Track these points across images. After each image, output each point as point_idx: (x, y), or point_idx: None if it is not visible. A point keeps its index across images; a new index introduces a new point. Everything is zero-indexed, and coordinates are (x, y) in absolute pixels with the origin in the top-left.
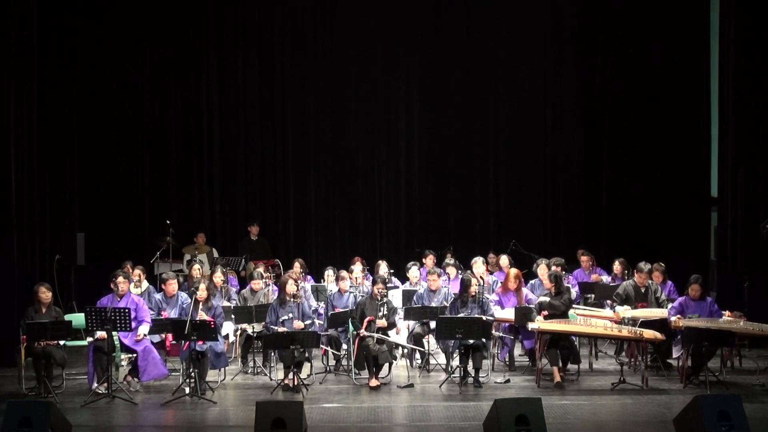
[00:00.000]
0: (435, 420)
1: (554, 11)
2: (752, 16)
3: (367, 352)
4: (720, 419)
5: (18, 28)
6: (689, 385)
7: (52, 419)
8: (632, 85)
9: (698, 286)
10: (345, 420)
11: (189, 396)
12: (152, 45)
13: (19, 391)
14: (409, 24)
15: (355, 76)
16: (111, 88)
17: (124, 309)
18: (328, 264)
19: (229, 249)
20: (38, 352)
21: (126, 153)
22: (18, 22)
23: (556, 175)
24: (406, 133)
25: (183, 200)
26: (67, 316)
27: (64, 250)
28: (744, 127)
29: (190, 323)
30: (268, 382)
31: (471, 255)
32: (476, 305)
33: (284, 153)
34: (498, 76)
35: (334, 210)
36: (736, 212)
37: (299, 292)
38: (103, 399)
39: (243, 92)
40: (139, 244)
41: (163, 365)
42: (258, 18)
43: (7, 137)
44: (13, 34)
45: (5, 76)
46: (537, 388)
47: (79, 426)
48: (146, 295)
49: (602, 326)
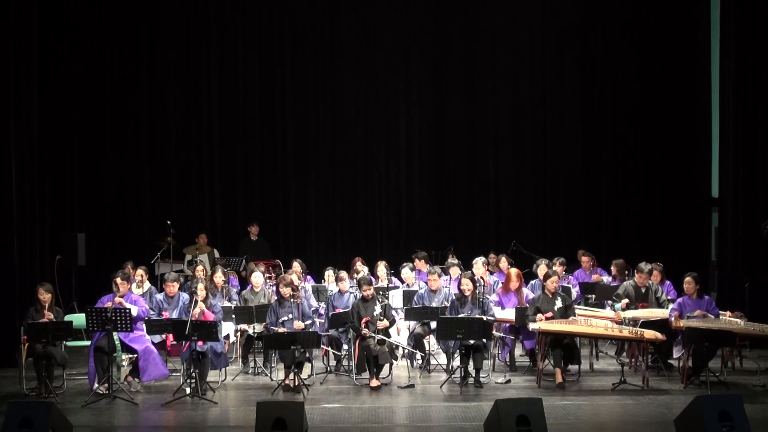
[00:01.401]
0: (436, 420)
1: (554, 12)
2: (752, 17)
3: (368, 353)
4: (721, 420)
5: (18, 28)
6: (690, 385)
7: (52, 419)
8: (632, 85)
9: (691, 279)
10: (346, 420)
11: (190, 396)
12: (152, 45)
13: (20, 392)
14: (408, 25)
15: (354, 77)
16: (111, 88)
17: (125, 309)
18: (329, 264)
19: (230, 249)
20: (39, 353)
21: (126, 153)
22: (18, 23)
23: (557, 175)
24: (406, 133)
25: (183, 201)
26: (68, 317)
27: (65, 251)
28: (744, 128)
29: (190, 324)
30: (269, 382)
31: (471, 255)
32: (476, 306)
33: (284, 153)
34: (498, 76)
35: (334, 210)
36: (737, 213)
37: (298, 293)
38: (103, 399)
39: (243, 93)
40: (139, 245)
41: (163, 365)
42: (258, 19)
43: (8, 138)
44: (13, 35)
45: (5, 77)
46: (538, 389)
47: (80, 426)
48: (148, 296)
49: (603, 326)
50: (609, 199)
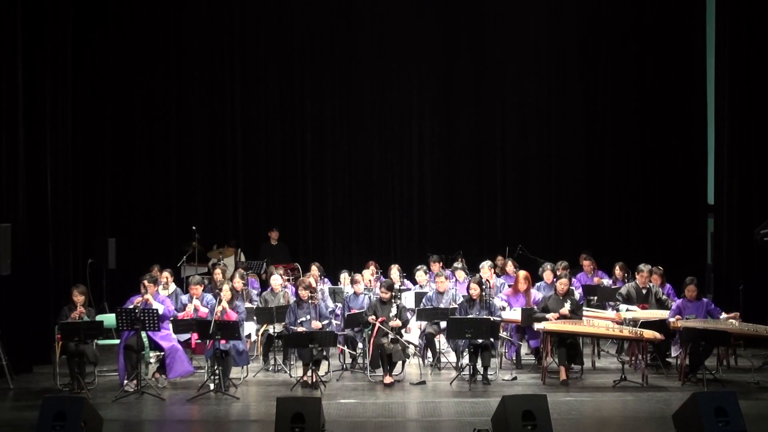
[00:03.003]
0: (446, 415)
1: (558, 25)
2: (747, 25)
3: (382, 351)
4: (717, 415)
5: (54, 43)
6: (687, 382)
7: (84, 413)
8: (632, 96)
9: (694, 287)
10: (361, 415)
11: (213, 392)
12: (179, 61)
13: (54, 387)
14: (420, 41)
15: (370, 90)
16: (140, 101)
17: (153, 310)
18: (345, 267)
19: (251, 253)
20: (72, 350)
21: (154, 163)
22: (54, 38)
23: (560, 183)
24: (418, 143)
25: (208, 207)
26: (99, 317)
27: (97, 255)
28: (739, 137)
29: (214, 323)
30: (288, 379)
31: (480, 259)
32: (483, 308)
33: (303, 163)
34: (505, 89)
35: (351, 216)
36: (732, 219)
37: (316, 294)
38: (132, 395)
39: (264, 104)
40: (166, 249)
41: (189, 363)
42: (279, 35)
43: (44, 149)
44: (50, 51)
45: (42, 89)
46: (542, 386)
47: (111, 420)
48: (174, 297)
49: (604, 327)
50: (610, 207)
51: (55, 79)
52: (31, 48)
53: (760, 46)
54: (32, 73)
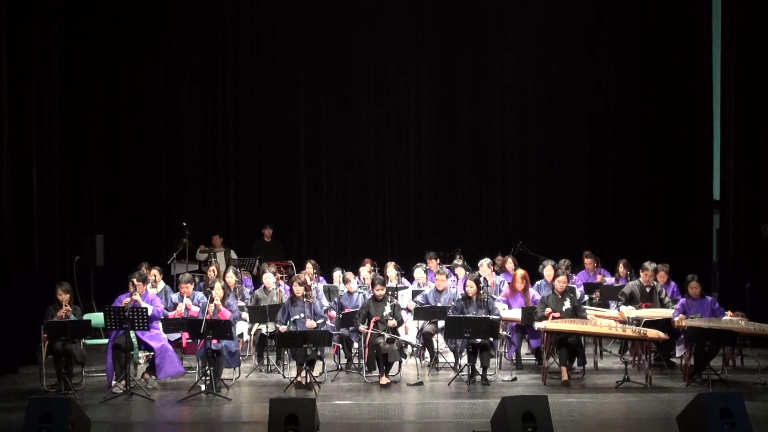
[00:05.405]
0: (444, 417)
1: (559, 19)
2: (753, 21)
3: (378, 351)
4: (722, 417)
5: (39, 34)
6: (692, 383)
7: (71, 415)
8: (636, 90)
9: (696, 284)
10: (356, 417)
11: (204, 393)
12: (169, 52)
13: (40, 388)
14: (417, 33)
15: (366, 84)
16: (129, 94)
17: (142, 308)
18: (340, 265)
19: (244, 251)
20: (59, 350)
21: (144, 158)
22: (39, 29)
23: (562, 179)
24: (415, 138)
25: (199, 203)
26: (87, 315)
27: (84, 252)
28: (745, 132)
29: (205, 322)
30: (282, 379)
31: (479, 257)
32: (481, 306)
33: (297, 158)
34: (505, 83)
35: (346, 213)
36: (738, 215)
37: (311, 292)
38: (121, 396)
39: (257, 99)
40: (156, 246)
41: (179, 363)
42: (272, 28)
43: (29, 143)
44: (35, 44)
45: (28, 84)
46: (543, 386)
47: (98, 422)
48: (163, 295)
49: (607, 326)
50: (613, 202)
51: (41, 73)
52: (17, 41)
53: (767, 40)
54: (18, 67)
